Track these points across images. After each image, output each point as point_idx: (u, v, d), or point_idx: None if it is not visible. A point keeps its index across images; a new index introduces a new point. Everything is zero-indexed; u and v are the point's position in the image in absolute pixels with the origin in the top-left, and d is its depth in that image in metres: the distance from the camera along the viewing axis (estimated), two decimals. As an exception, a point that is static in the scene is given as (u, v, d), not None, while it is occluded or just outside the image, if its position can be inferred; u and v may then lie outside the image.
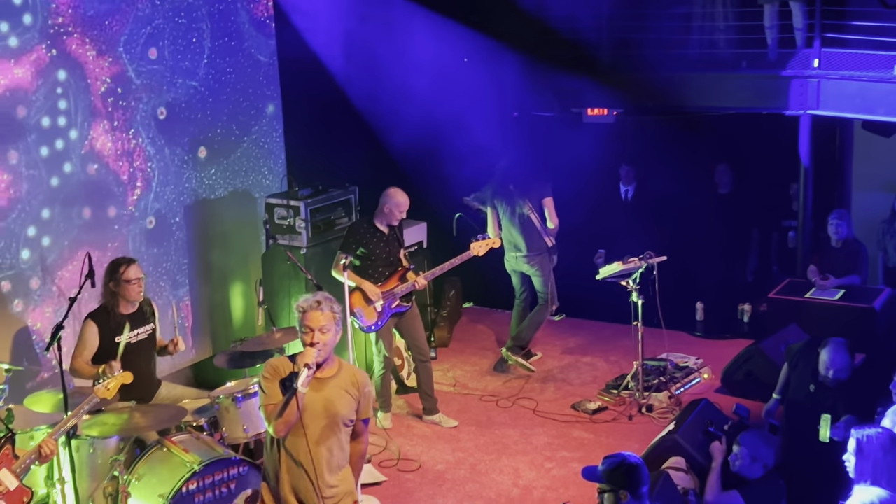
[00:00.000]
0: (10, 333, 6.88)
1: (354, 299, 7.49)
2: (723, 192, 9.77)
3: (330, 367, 4.82)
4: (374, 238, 7.57)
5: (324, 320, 4.71)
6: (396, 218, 7.60)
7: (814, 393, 6.45)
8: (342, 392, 4.79)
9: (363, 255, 7.55)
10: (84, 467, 5.94)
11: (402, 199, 7.58)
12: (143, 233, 7.79)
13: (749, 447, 5.80)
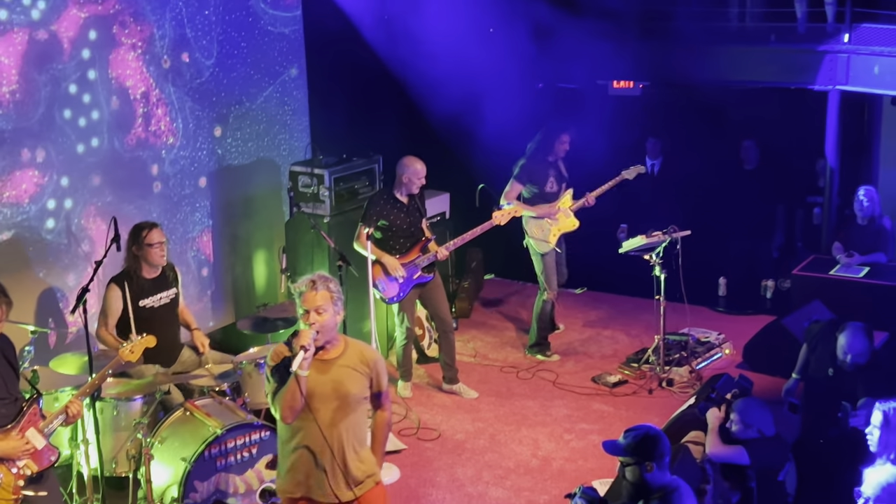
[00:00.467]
0: (36, 296, 6.93)
1: (376, 271, 7.48)
2: (748, 167, 9.71)
3: (335, 348, 4.69)
4: (394, 209, 7.55)
5: (319, 300, 4.59)
6: (416, 186, 7.55)
7: (832, 376, 6.43)
8: (350, 371, 4.67)
9: (384, 227, 7.53)
10: (108, 429, 6.01)
11: (419, 167, 7.53)
12: (167, 198, 7.82)
13: (740, 412, 5.81)
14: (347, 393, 4.65)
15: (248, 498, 6.00)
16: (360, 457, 4.75)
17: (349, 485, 4.71)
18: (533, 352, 8.73)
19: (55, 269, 7.06)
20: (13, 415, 4.97)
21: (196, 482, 5.80)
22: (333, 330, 4.67)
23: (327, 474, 4.68)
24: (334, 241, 7.47)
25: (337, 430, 4.65)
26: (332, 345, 4.69)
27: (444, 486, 6.70)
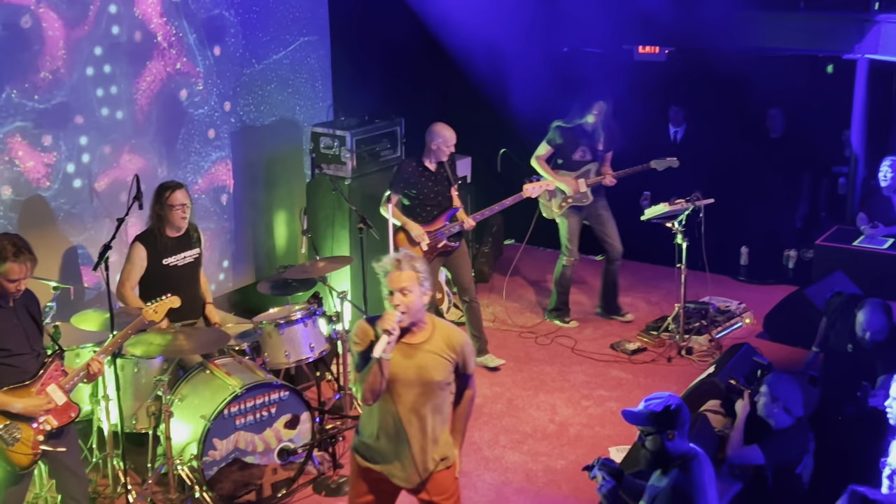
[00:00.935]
0: (59, 253, 6.96)
1: (399, 238, 7.45)
2: (773, 136, 9.62)
3: (421, 331, 4.55)
4: (422, 177, 7.47)
5: (405, 281, 4.43)
6: (445, 154, 7.48)
7: (851, 352, 6.39)
8: (436, 357, 4.53)
9: (411, 195, 7.47)
10: (128, 386, 6.05)
11: (448, 134, 7.46)
12: (189, 158, 7.81)
13: (770, 385, 5.76)
14: (431, 380, 4.53)
15: (267, 456, 6.04)
16: (439, 442, 4.66)
17: (420, 472, 4.65)
18: (552, 316, 8.72)
19: (78, 227, 7.08)
20: (35, 370, 5.01)
21: (215, 440, 5.84)
22: (420, 311, 4.52)
23: (403, 458, 4.63)
24: (355, 203, 7.47)
25: (418, 416, 4.56)
26: (418, 327, 4.55)
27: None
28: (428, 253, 7.50)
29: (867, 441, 5.88)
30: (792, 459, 5.65)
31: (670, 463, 4.27)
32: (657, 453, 4.29)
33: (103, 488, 6.13)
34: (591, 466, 4.52)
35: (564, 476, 6.43)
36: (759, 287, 9.37)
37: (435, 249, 7.55)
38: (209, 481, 5.87)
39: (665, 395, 4.35)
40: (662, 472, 4.33)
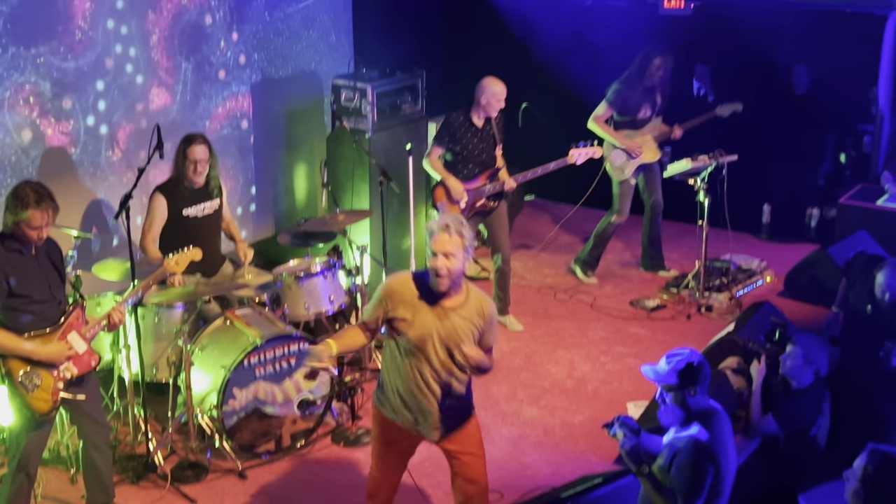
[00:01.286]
0: (81, 202, 6.98)
1: (438, 193, 7.37)
2: (798, 93, 9.50)
3: (458, 295, 4.62)
4: (468, 133, 7.32)
5: (451, 245, 4.51)
6: (494, 109, 7.28)
7: (871, 314, 6.35)
8: (467, 323, 4.60)
9: (455, 150, 7.33)
10: (149, 335, 6.09)
11: (498, 89, 7.27)
12: (209, 109, 7.79)
13: (804, 348, 5.72)
14: (459, 343, 4.60)
15: (287, 407, 6.08)
16: (460, 402, 4.78)
17: (442, 428, 4.75)
18: (576, 265, 8.65)
19: (100, 176, 7.09)
20: (56, 318, 5.04)
21: (235, 389, 5.88)
22: (460, 276, 4.60)
23: (427, 414, 4.72)
24: (376, 156, 7.44)
25: (444, 376, 4.66)
26: (455, 292, 4.62)
27: (478, 404, 6.65)
28: (465, 211, 7.38)
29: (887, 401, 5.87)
30: (807, 421, 5.64)
31: (691, 419, 4.27)
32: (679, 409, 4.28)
33: (124, 436, 6.19)
34: (611, 424, 4.52)
35: (581, 431, 6.45)
36: (780, 245, 9.30)
37: (472, 208, 7.40)
38: (229, 430, 5.91)
39: (687, 352, 4.34)
40: (681, 428, 4.32)
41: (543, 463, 6.13)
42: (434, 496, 5.73)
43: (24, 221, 4.82)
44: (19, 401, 4.90)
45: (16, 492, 5.01)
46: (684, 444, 4.20)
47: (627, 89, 8.14)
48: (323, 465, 6.08)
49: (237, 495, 5.77)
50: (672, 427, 4.38)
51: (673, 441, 4.33)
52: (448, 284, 4.56)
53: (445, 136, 7.32)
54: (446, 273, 4.52)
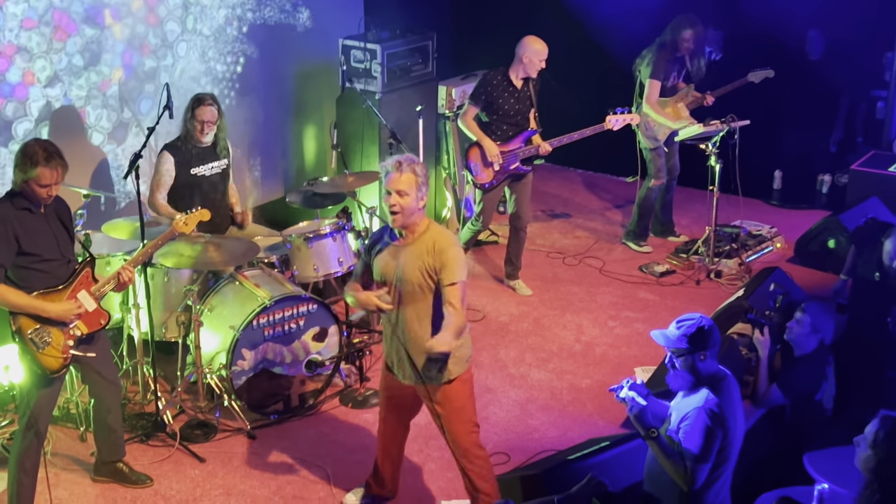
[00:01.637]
0: (91, 161, 6.97)
1: (472, 154, 7.32)
2: (812, 58, 9.42)
3: (412, 234, 4.67)
4: (504, 92, 7.23)
5: (403, 183, 4.55)
6: (536, 67, 7.16)
7: (879, 281, 6.33)
8: (413, 258, 4.63)
9: (491, 109, 7.25)
10: (158, 295, 6.10)
11: (540, 47, 7.15)
12: (217, 69, 7.75)
13: (813, 315, 5.71)
14: (407, 280, 4.64)
15: (295, 368, 6.10)
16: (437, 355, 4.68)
17: (419, 376, 4.77)
18: (628, 237, 8.58)
19: (109, 135, 7.07)
20: (66, 277, 5.04)
21: (244, 350, 5.90)
22: (414, 214, 4.62)
23: (402, 360, 4.80)
24: (386, 117, 7.40)
25: (404, 315, 4.71)
26: (410, 230, 4.66)
27: (486, 367, 6.76)
28: (499, 174, 7.34)
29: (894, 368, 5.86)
30: (811, 387, 5.64)
31: (700, 383, 4.27)
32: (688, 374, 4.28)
33: (133, 395, 6.23)
34: (619, 388, 4.52)
35: (589, 395, 6.46)
36: (791, 211, 9.26)
37: (506, 171, 7.34)
38: (237, 390, 5.94)
39: (697, 317, 4.33)
40: (689, 392, 4.32)
41: (550, 426, 6.15)
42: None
43: (34, 179, 4.81)
44: (30, 358, 4.92)
45: (26, 449, 5.04)
46: (693, 409, 4.20)
47: (660, 60, 8.00)
48: (331, 425, 6.11)
49: (245, 455, 5.81)
50: (681, 391, 4.38)
51: (681, 405, 4.33)
52: (402, 222, 4.62)
53: (482, 95, 7.23)
54: (399, 210, 4.57)
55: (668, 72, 8.07)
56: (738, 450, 4.33)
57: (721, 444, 4.20)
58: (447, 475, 5.63)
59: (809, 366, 5.68)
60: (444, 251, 4.62)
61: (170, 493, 5.47)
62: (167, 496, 5.45)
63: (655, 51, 8.04)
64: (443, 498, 5.48)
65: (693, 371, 4.27)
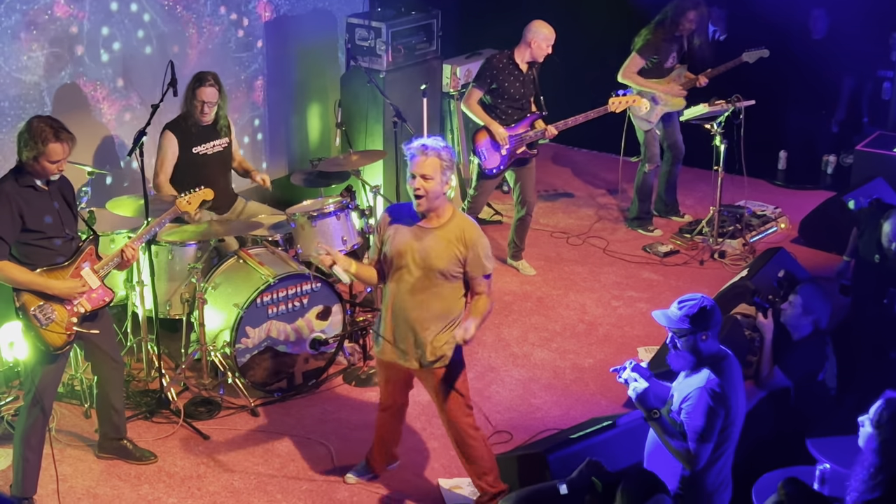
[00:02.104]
0: (95, 139, 6.97)
1: (480, 138, 7.29)
2: (817, 37, 9.37)
3: (438, 219, 4.69)
4: (510, 76, 7.18)
5: (428, 167, 4.55)
6: (544, 52, 7.13)
7: (879, 262, 6.33)
8: (443, 244, 4.65)
9: (495, 91, 7.21)
10: (163, 272, 6.10)
11: (548, 32, 7.11)
12: (222, 46, 7.73)
13: (804, 297, 5.71)
14: (432, 266, 4.66)
15: (299, 346, 6.12)
16: (435, 337, 4.78)
17: (417, 358, 4.82)
18: (633, 225, 8.54)
19: (114, 113, 7.07)
20: (69, 254, 5.05)
21: (248, 328, 5.91)
22: (439, 198, 4.63)
23: (402, 340, 4.81)
24: (390, 96, 7.38)
25: (417, 300, 4.72)
26: (436, 214, 4.67)
27: (489, 346, 6.78)
28: (506, 158, 7.29)
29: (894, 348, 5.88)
30: (813, 368, 5.64)
31: (702, 363, 4.27)
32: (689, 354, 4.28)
33: (137, 372, 6.25)
34: (621, 368, 4.53)
35: (592, 374, 6.47)
36: (796, 192, 9.25)
37: (513, 155, 7.31)
38: (241, 368, 5.96)
39: (699, 297, 4.33)
40: (691, 372, 4.33)
41: (553, 405, 6.16)
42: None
43: (45, 156, 4.81)
44: (34, 334, 4.94)
45: (31, 425, 5.06)
46: (695, 389, 4.21)
47: (658, 39, 7.97)
48: (334, 403, 6.13)
49: (249, 432, 5.83)
50: (682, 372, 4.39)
51: (683, 386, 4.34)
52: (427, 206, 4.63)
53: (487, 78, 7.20)
54: (424, 194, 4.58)
55: (667, 52, 8.04)
56: (740, 430, 4.34)
57: (723, 424, 4.21)
58: (449, 453, 5.64)
59: (807, 348, 5.69)
60: (476, 242, 4.70)
61: (174, 469, 5.50)
62: (171, 473, 5.48)
63: (652, 29, 8.01)
64: (445, 476, 5.50)
65: (694, 351, 4.28)
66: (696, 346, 4.26)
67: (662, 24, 7.99)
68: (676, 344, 4.33)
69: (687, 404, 4.24)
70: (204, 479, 5.45)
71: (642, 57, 7.99)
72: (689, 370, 4.34)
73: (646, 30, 8.04)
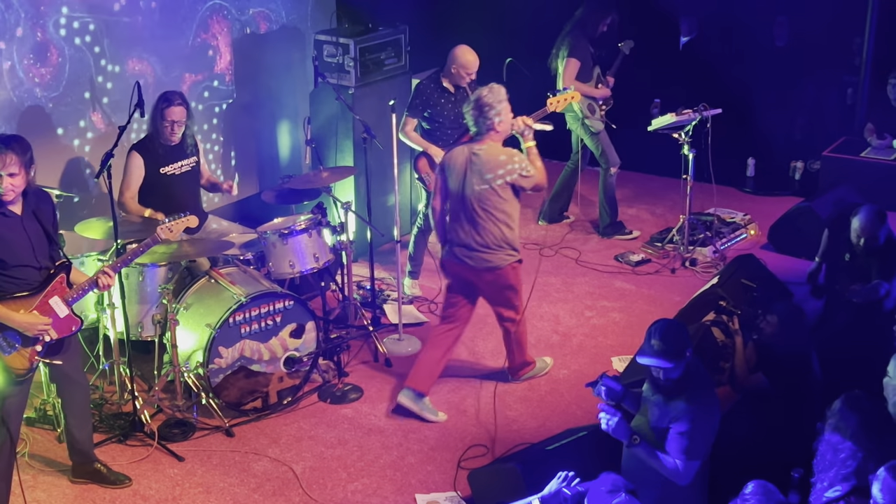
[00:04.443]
0: (61, 162, 6.92)
1: (422, 165, 7.29)
2: (779, 44, 9.46)
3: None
4: (440, 99, 7.24)
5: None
6: (464, 79, 7.17)
7: (849, 261, 6.39)
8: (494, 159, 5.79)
9: (430, 117, 7.25)
10: (133, 294, 6.07)
11: (469, 59, 7.15)
12: (192, 61, 7.71)
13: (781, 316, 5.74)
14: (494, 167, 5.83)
15: (273, 365, 6.10)
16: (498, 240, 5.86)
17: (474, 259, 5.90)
18: (608, 233, 8.58)
19: (80, 135, 7.03)
20: (38, 282, 4.94)
21: (221, 348, 5.89)
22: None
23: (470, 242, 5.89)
24: (359, 112, 7.38)
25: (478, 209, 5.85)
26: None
27: (464, 359, 6.78)
28: None
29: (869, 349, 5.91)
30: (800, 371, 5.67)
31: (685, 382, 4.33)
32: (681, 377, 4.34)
33: (110, 395, 6.20)
34: (595, 382, 4.57)
35: (567, 385, 6.48)
36: (765, 199, 9.31)
37: None
38: (215, 388, 5.93)
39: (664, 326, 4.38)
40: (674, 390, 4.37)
41: (529, 417, 6.17)
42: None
43: None
44: (-3, 360, 4.86)
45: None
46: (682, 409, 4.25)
47: (579, 41, 8.14)
48: (310, 421, 6.11)
49: (224, 453, 5.80)
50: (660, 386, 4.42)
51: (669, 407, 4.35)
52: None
53: (419, 105, 7.25)
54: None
55: (588, 54, 8.19)
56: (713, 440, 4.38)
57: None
58: (426, 468, 5.65)
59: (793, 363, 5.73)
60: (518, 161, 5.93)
61: (149, 492, 5.46)
62: (146, 496, 5.43)
63: (574, 32, 8.16)
64: (422, 491, 5.49)
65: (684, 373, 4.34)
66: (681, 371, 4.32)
67: (583, 27, 8.18)
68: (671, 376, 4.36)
69: (675, 424, 4.27)
70: (179, 501, 5.41)
71: (578, 59, 8.12)
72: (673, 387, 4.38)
73: (563, 39, 8.21)
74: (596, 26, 8.17)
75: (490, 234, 5.87)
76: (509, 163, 5.82)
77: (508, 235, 5.89)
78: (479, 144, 5.86)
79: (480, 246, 5.89)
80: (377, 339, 6.79)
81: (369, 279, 7.23)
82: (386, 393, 6.39)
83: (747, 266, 6.69)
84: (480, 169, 5.82)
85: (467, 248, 5.92)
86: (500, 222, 5.85)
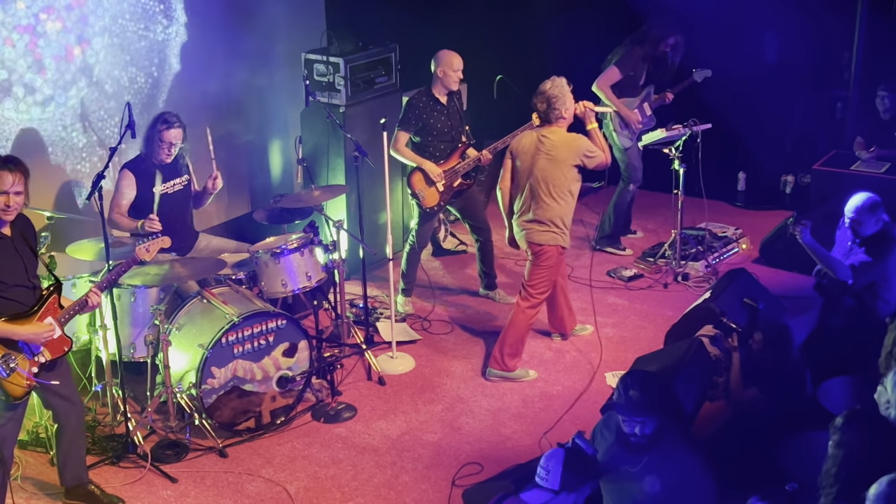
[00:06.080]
0: (53, 183, 6.91)
1: (415, 180, 7.31)
2: (770, 60, 9.51)
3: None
4: (433, 111, 7.26)
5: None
6: (453, 80, 7.22)
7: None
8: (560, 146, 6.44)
9: (423, 131, 7.27)
10: (125, 315, 6.05)
11: (454, 59, 7.21)
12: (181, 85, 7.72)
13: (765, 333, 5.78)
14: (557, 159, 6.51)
15: (266, 384, 6.08)
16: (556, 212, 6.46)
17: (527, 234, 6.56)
18: (603, 244, 8.60)
19: (72, 156, 7.02)
20: (32, 303, 4.97)
21: (213, 368, 5.87)
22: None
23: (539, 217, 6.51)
24: (350, 131, 7.40)
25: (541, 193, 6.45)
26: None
27: (458, 376, 6.77)
28: (444, 193, 7.32)
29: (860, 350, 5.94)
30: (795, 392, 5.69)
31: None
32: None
33: (103, 417, 6.18)
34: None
35: (560, 401, 6.48)
36: (756, 213, 9.35)
37: (451, 189, 7.35)
38: (208, 409, 5.91)
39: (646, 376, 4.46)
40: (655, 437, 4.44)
41: (523, 434, 6.16)
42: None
43: None
44: (-6, 384, 4.86)
45: (-8, 476, 4.98)
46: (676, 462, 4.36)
47: (637, 56, 8.12)
48: (303, 441, 6.09)
49: (218, 473, 5.78)
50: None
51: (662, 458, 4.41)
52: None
53: (411, 119, 7.25)
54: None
55: (642, 70, 8.17)
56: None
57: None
58: (420, 487, 5.63)
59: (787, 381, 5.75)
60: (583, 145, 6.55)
61: (142, 514, 5.44)
62: (140, 518, 5.41)
63: (630, 46, 8.15)
64: (417, 510, 5.48)
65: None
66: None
67: (642, 43, 8.11)
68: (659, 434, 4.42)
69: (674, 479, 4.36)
70: (173, 523, 5.39)
71: (621, 71, 8.09)
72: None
73: (621, 48, 8.16)
74: (656, 44, 8.12)
75: (550, 211, 6.46)
76: (575, 144, 6.44)
77: (565, 212, 6.50)
78: (548, 129, 6.50)
79: (536, 222, 6.50)
80: (371, 357, 6.78)
81: (362, 297, 7.22)
82: (380, 411, 6.38)
83: (739, 280, 6.70)
84: (549, 151, 6.40)
85: (527, 222, 6.55)
86: (562, 198, 6.45)
